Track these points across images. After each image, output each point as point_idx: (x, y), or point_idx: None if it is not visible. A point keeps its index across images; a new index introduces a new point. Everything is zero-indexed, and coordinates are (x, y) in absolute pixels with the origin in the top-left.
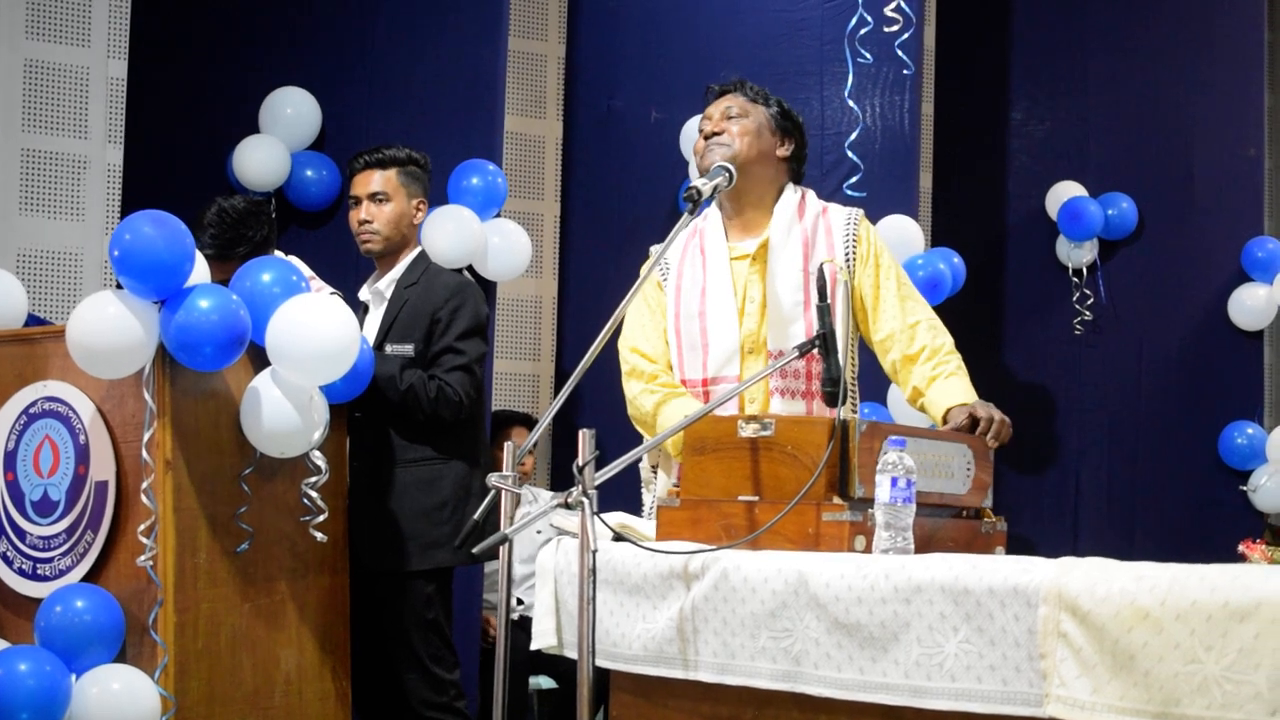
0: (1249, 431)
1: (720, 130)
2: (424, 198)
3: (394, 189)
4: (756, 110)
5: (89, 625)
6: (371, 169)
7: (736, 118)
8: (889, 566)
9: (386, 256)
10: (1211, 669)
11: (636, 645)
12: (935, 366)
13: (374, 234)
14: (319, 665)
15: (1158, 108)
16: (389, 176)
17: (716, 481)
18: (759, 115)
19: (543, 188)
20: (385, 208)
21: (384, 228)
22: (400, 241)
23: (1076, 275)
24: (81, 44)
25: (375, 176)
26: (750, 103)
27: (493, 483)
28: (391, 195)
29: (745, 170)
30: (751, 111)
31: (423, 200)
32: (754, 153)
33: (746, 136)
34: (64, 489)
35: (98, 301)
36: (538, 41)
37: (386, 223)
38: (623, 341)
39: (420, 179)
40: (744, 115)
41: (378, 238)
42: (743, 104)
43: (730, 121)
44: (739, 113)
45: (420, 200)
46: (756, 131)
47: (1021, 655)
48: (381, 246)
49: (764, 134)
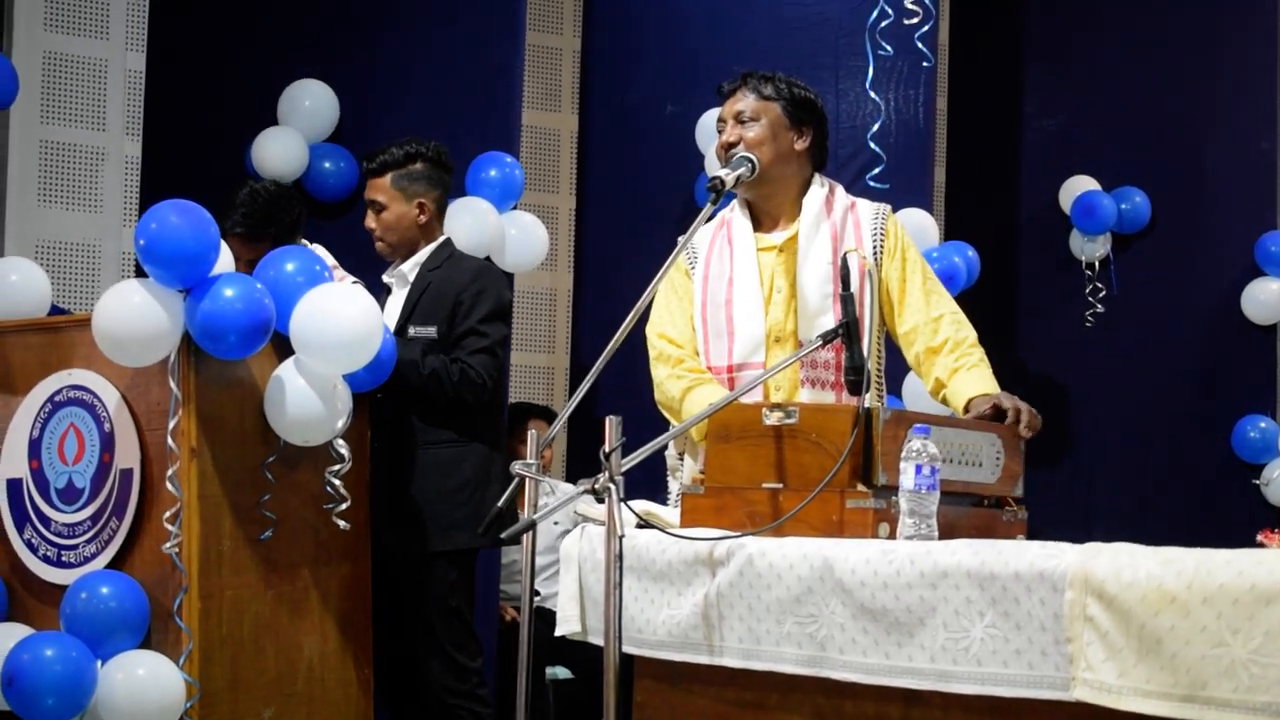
0: (1262, 425)
1: (735, 141)
2: (430, 194)
3: (389, 196)
4: (768, 109)
5: (114, 611)
6: (370, 176)
7: (749, 122)
8: (914, 552)
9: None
10: (1238, 652)
11: (661, 631)
12: (958, 359)
13: (379, 240)
14: (341, 653)
15: (1171, 102)
16: (383, 184)
17: (741, 469)
18: (771, 114)
19: (558, 181)
20: (384, 215)
21: (386, 234)
22: (408, 242)
23: (1089, 269)
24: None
25: (372, 184)
26: (761, 101)
27: (517, 470)
28: (388, 203)
29: (766, 175)
30: (763, 112)
31: (426, 198)
32: (771, 157)
33: (762, 145)
34: (89, 476)
35: (123, 290)
36: (553, 35)
37: (387, 229)
38: (650, 326)
39: (424, 175)
40: (756, 118)
41: (383, 243)
42: (753, 105)
43: (743, 127)
44: (750, 116)
45: (422, 200)
46: (771, 135)
47: (1048, 639)
48: (389, 251)
49: (779, 134)
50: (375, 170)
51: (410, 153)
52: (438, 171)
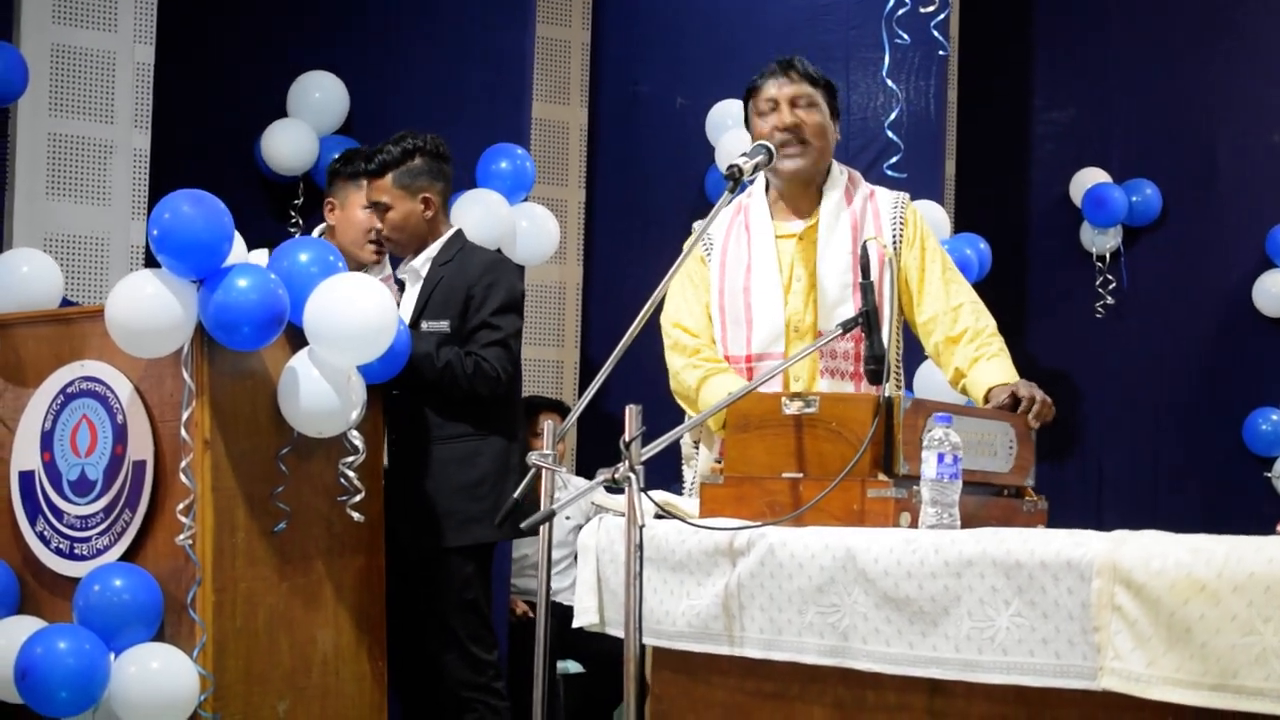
0: (1273, 418)
1: (796, 124)
2: (433, 187)
3: (393, 196)
4: (819, 97)
5: (128, 604)
6: (370, 178)
7: (809, 108)
8: (938, 541)
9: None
10: (1270, 640)
11: (681, 622)
12: (978, 348)
13: (388, 240)
14: (355, 645)
15: (1182, 94)
16: (385, 184)
17: (760, 459)
18: (823, 102)
19: (567, 174)
20: (390, 216)
21: (393, 234)
22: (417, 238)
23: (1100, 261)
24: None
25: (374, 186)
26: (814, 88)
27: (533, 462)
28: (392, 202)
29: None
30: (817, 99)
31: (429, 192)
32: (826, 145)
33: (824, 133)
34: (102, 468)
35: (136, 281)
36: (562, 27)
37: (396, 229)
38: (665, 316)
39: (425, 170)
40: (813, 106)
41: (392, 243)
42: (809, 91)
43: (805, 112)
44: (809, 101)
45: (427, 194)
46: (828, 127)
47: (1075, 629)
48: (399, 250)
49: (829, 126)
50: (375, 171)
51: (408, 149)
52: (437, 163)
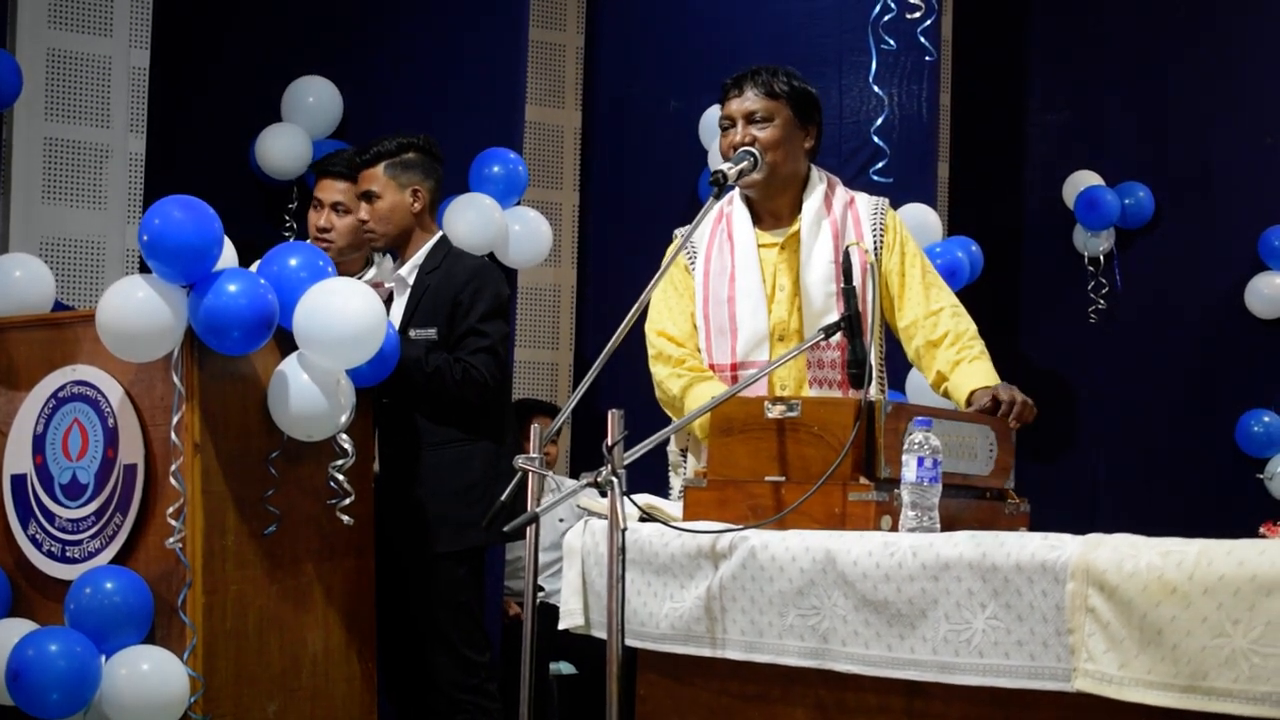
0: (1266, 420)
1: (747, 141)
2: (424, 183)
3: (383, 184)
4: (780, 108)
5: (118, 606)
6: (362, 168)
7: (762, 123)
8: (916, 544)
9: (397, 246)
10: (1239, 642)
11: (664, 624)
12: (959, 351)
13: (370, 231)
14: (345, 647)
15: (1175, 97)
16: (376, 173)
17: (743, 462)
18: (783, 114)
19: (561, 177)
20: (378, 205)
21: (379, 225)
22: (403, 232)
23: (1093, 264)
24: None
25: (365, 175)
26: (772, 101)
27: (520, 465)
28: (381, 191)
29: (776, 176)
30: (775, 112)
31: (420, 186)
32: (784, 158)
33: (777, 147)
34: (93, 472)
35: (127, 285)
36: (556, 31)
37: (381, 219)
38: (649, 325)
39: (417, 164)
40: (769, 119)
41: (374, 234)
42: (765, 104)
43: (755, 128)
44: (764, 116)
45: (417, 187)
46: (785, 137)
47: (1049, 630)
48: (382, 242)
49: (791, 135)
50: (368, 160)
51: (402, 143)
52: (430, 161)
